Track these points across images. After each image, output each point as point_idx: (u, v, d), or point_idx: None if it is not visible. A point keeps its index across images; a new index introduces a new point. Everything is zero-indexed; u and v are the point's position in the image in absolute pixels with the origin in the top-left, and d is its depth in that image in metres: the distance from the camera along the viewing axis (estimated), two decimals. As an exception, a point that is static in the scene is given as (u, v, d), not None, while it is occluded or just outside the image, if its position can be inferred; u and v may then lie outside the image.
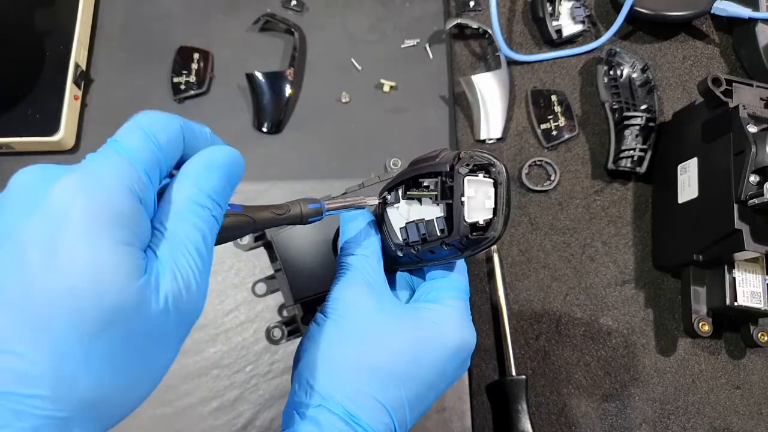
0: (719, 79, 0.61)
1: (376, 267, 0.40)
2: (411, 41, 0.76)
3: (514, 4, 0.79)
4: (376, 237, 0.40)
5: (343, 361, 0.36)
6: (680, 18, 0.75)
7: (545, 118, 0.73)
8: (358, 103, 0.74)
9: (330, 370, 0.35)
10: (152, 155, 0.28)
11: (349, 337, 0.36)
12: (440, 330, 0.37)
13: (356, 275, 0.39)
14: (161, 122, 0.29)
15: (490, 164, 0.32)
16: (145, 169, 0.27)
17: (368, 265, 0.39)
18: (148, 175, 0.27)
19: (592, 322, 0.66)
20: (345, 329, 0.37)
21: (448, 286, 0.40)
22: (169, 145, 0.29)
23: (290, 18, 0.76)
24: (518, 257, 0.68)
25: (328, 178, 0.70)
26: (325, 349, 0.36)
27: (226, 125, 0.71)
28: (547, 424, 0.63)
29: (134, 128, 0.28)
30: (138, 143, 0.27)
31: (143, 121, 0.28)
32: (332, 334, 0.37)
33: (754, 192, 0.55)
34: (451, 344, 0.37)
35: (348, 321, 0.37)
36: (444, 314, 0.38)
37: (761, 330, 0.63)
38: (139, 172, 0.27)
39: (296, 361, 0.39)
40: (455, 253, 0.33)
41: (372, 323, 0.37)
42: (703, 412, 0.64)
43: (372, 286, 0.38)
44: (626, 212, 0.71)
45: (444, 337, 0.37)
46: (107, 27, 0.75)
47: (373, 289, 0.38)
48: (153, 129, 0.28)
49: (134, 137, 0.28)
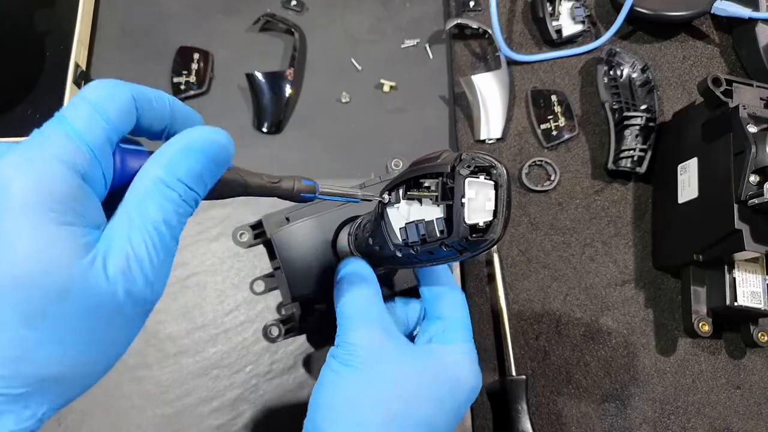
0: (719, 79, 0.61)
1: (382, 305, 0.40)
2: (411, 41, 0.76)
3: (514, 4, 0.79)
4: (372, 273, 0.40)
5: (371, 412, 0.35)
6: (680, 18, 0.74)
7: (545, 118, 0.73)
8: (358, 103, 0.74)
9: (357, 422, 0.35)
10: (100, 129, 0.27)
11: (375, 386, 0.36)
12: (460, 374, 0.38)
13: (366, 316, 0.38)
14: (109, 93, 0.27)
15: (491, 166, 0.32)
16: (89, 144, 0.26)
17: (375, 302, 0.39)
18: (93, 151, 0.26)
19: (592, 322, 0.66)
20: (370, 378, 0.36)
21: (461, 326, 0.41)
22: (119, 116, 0.27)
23: (290, 18, 0.76)
24: (518, 257, 0.68)
25: (328, 178, 0.69)
26: (348, 399, 0.35)
27: (226, 125, 0.70)
28: (547, 424, 0.63)
29: (80, 102, 0.27)
30: (83, 117, 0.26)
31: (89, 94, 0.27)
32: (355, 383, 0.36)
33: (754, 192, 0.55)
34: (468, 387, 0.38)
35: (371, 369, 0.36)
36: (461, 357, 0.39)
37: (761, 330, 0.63)
38: (83, 147, 0.26)
39: (312, 411, 0.37)
40: (454, 254, 0.33)
41: (397, 371, 0.36)
42: (703, 412, 0.65)
43: (386, 329, 0.38)
44: (626, 212, 0.71)
45: (464, 382, 0.38)
46: (107, 27, 0.75)
47: (388, 333, 0.38)
48: (100, 101, 0.27)
49: (80, 111, 0.26)
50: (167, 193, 0.27)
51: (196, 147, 0.28)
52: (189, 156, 0.28)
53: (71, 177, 0.25)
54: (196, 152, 0.28)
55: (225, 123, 0.71)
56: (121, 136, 0.28)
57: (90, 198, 0.26)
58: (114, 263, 0.25)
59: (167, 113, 0.30)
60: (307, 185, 0.35)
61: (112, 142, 0.28)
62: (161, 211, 0.27)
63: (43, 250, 0.24)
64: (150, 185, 0.27)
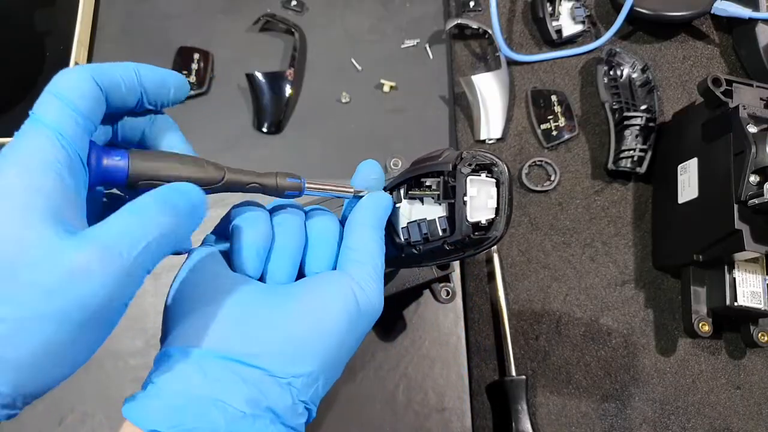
0: (719, 79, 0.61)
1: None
2: (411, 41, 0.76)
3: (514, 4, 0.79)
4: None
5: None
6: (680, 18, 0.75)
7: (545, 118, 0.73)
8: (358, 103, 0.74)
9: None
10: (72, 122, 0.27)
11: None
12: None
13: None
14: (74, 85, 0.28)
15: (492, 164, 0.32)
16: (64, 138, 0.27)
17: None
18: (69, 144, 0.27)
19: (592, 322, 0.66)
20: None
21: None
22: (88, 103, 0.28)
23: (290, 18, 0.76)
24: (518, 257, 0.68)
25: (329, 179, 0.69)
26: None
27: (226, 125, 0.71)
28: (547, 424, 0.63)
29: (48, 98, 0.27)
30: (54, 114, 0.27)
31: (54, 89, 0.28)
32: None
33: (754, 192, 0.55)
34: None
35: None
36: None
37: (761, 330, 0.63)
38: (59, 143, 0.26)
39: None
40: (457, 252, 0.33)
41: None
42: (703, 412, 0.65)
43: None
44: (626, 212, 0.71)
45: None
46: (107, 27, 0.75)
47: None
48: (68, 94, 0.27)
49: (50, 108, 0.27)
50: (165, 208, 0.28)
51: (181, 188, 0.30)
52: (174, 191, 0.29)
53: (49, 175, 0.26)
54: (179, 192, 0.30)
55: (225, 123, 0.71)
56: (94, 124, 0.29)
57: (69, 193, 0.26)
58: (89, 253, 0.25)
59: (137, 86, 0.31)
60: (291, 182, 0.34)
61: (86, 130, 0.28)
62: (157, 226, 0.27)
63: (20, 247, 0.24)
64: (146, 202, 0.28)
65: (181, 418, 0.27)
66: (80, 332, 0.25)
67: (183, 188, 0.30)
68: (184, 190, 0.30)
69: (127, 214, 0.27)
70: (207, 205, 0.31)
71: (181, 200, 0.29)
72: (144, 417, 0.27)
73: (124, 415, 0.28)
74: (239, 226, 0.34)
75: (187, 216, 0.29)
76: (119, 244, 0.26)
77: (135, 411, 0.28)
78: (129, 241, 0.26)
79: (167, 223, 0.28)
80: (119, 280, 0.25)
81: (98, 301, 0.25)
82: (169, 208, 0.28)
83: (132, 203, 0.28)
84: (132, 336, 0.60)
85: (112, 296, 0.25)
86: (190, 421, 0.27)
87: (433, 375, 0.60)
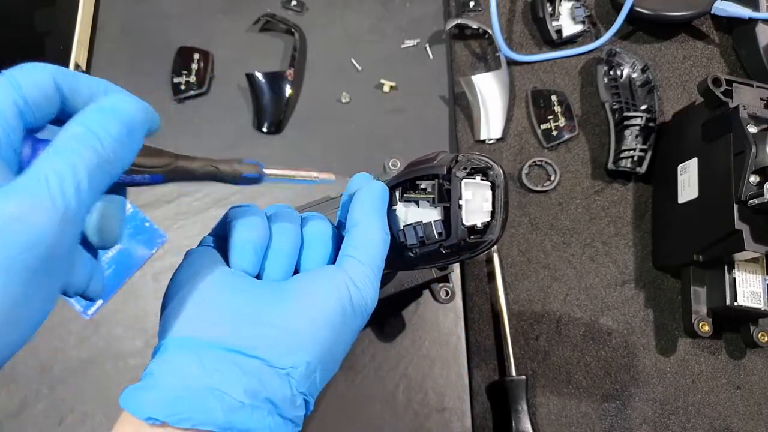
0: (719, 79, 0.61)
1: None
2: (411, 41, 0.76)
3: (514, 4, 0.79)
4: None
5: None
6: (680, 18, 0.74)
7: (545, 118, 0.73)
8: (358, 103, 0.74)
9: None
10: (9, 98, 0.27)
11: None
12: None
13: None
14: (28, 72, 0.28)
15: (487, 167, 0.32)
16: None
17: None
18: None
19: (592, 322, 0.66)
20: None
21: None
22: (34, 92, 0.27)
23: (290, 18, 0.76)
24: (518, 257, 0.68)
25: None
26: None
27: (226, 125, 0.71)
28: (547, 424, 0.63)
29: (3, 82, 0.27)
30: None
31: (10, 72, 0.27)
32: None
33: (754, 192, 0.55)
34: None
35: None
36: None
37: (761, 330, 0.63)
38: None
39: None
40: (453, 256, 0.33)
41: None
42: (703, 412, 0.64)
43: None
44: (626, 212, 0.71)
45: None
46: (107, 27, 0.75)
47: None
48: (17, 76, 0.27)
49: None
50: (90, 142, 0.26)
51: (107, 107, 0.28)
52: (104, 114, 0.27)
53: None
54: (110, 113, 0.27)
55: (225, 123, 0.71)
56: (37, 118, 0.28)
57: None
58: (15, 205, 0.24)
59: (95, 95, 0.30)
60: (248, 165, 0.33)
61: (24, 118, 0.27)
62: (83, 160, 0.25)
63: None
64: (69, 138, 0.26)
65: (179, 407, 0.28)
66: (29, 284, 0.24)
67: (110, 107, 0.28)
68: (110, 109, 0.28)
69: (52, 154, 0.25)
70: (155, 118, 0.29)
71: (111, 125, 0.27)
72: (141, 406, 0.28)
73: (122, 404, 0.28)
74: (237, 225, 0.34)
75: (123, 141, 0.27)
76: (51, 191, 0.24)
77: (132, 400, 0.28)
78: (59, 185, 0.24)
79: (97, 155, 0.26)
80: (58, 227, 0.24)
81: (42, 250, 0.24)
82: (97, 140, 0.26)
83: (56, 141, 0.26)
84: (132, 336, 0.60)
85: (54, 242, 0.24)
86: (187, 411, 0.27)
87: (433, 375, 0.60)
